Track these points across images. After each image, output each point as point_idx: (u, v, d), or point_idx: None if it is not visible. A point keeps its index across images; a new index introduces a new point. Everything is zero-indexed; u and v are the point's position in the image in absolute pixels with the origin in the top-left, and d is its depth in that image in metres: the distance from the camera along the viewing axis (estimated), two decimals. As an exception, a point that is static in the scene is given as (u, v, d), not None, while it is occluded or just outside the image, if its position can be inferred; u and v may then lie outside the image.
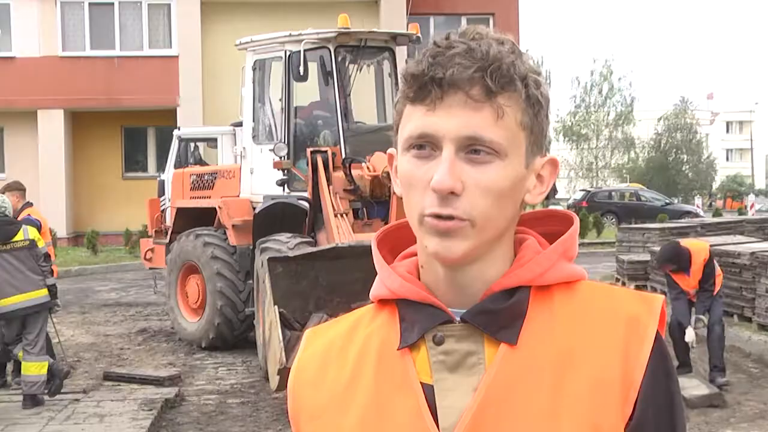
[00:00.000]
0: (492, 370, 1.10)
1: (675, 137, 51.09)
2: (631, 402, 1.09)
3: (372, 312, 1.23)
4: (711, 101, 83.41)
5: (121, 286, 17.47)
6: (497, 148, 1.09)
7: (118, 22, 24.16)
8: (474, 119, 1.08)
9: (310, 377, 1.22)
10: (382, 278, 1.20)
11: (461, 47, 1.09)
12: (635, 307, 1.14)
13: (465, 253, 1.10)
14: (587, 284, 1.18)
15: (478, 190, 1.08)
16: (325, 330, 1.27)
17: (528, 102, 1.11)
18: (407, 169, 1.12)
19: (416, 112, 1.11)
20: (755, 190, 59.06)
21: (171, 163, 16.23)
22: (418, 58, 1.12)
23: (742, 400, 8.03)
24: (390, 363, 1.15)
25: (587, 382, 1.09)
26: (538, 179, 1.16)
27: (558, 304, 1.14)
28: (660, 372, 1.12)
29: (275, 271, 8.02)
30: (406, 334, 1.15)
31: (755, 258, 10.28)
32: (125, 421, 7.34)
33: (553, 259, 1.15)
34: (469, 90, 1.08)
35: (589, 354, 1.10)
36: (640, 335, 1.12)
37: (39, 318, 7.92)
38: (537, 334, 1.12)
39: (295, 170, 10.24)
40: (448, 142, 1.08)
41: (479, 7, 25.73)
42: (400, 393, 1.13)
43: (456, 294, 1.14)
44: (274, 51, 10.58)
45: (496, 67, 1.08)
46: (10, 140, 24.59)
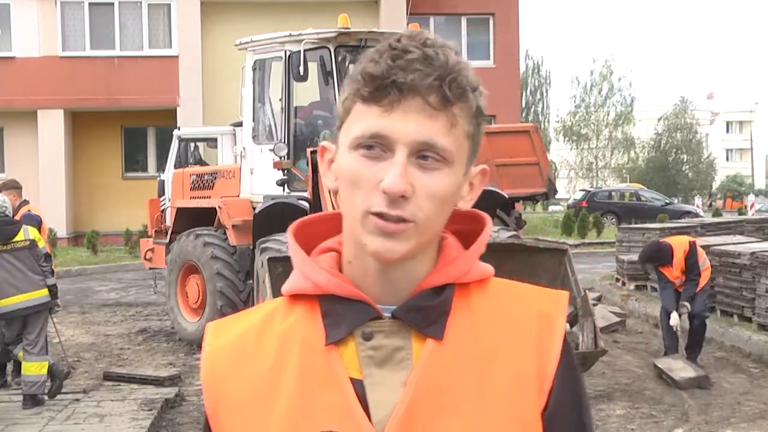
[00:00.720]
0: (420, 364, 1.13)
1: (675, 137, 51.10)
2: (545, 393, 1.15)
3: (285, 306, 1.22)
4: (711, 101, 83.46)
5: (121, 286, 17.47)
6: (447, 155, 1.11)
7: (118, 22, 24.17)
8: (430, 126, 1.10)
9: (225, 371, 1.22)
10: (305, 273, 1.20)
11: (418, 53, 1.11)
12: (544, 304, 1.21)
13: (405, 254, 1.12)
14: (497, 281, 1.23)
15: (425, 195, 1.10)
16: (231, 324, 1.27)
17: (475, 113, 1.15)
18: (353, 167, 1.12)
19: (370, 112, 1.11)
20: (755, 190, 59.08)
21: (171, 163, 16.24)
22: (374, 58, 1.12)
23: (742, 400, 8.03)
24: (315, 358, 1.16)
25: (509, 376, 1.14)
26: (470, 187, 1.21)
27: (476, 301, 1.19)
28: (568, 364, 1.18)
29: (275, 271, 8.02)
30: (332, 330, 1.16)
31: (755, 258, 10.28)
32: (125, 421, 7.34)
33: (475, 258, 1.20)
34: (428, 97, 1.10)
35: (508, 349, 1.16)
36: (551, 330, 1.18)
37: (39, 318, 7.92)
38: (461, 330, 1.16)
39: (295, 170, 10.24)
40: (402, 146, 1.10)
41: (479, 7, 25.73)
42: (328, 388, 1.14)
43: (383, 290, 1.16)
44: (274, 51, 10.59)
45: (453, 78, 1.11)
46: (10, 140, 24.60)
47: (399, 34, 1.15)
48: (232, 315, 1.31)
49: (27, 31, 23.83)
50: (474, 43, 25.82)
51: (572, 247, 11.68)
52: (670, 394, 8.29)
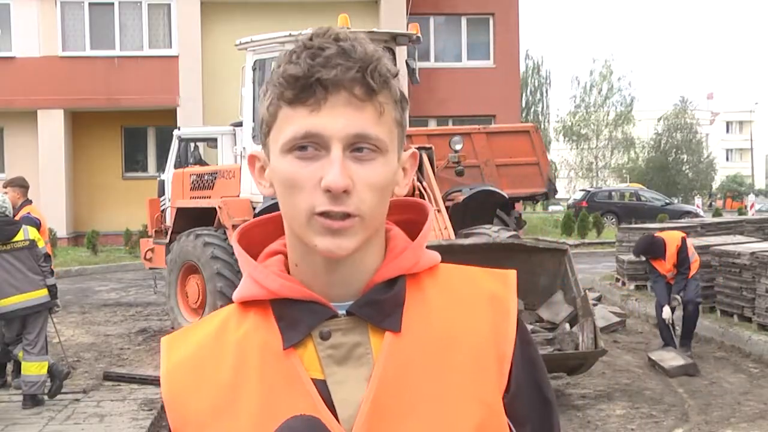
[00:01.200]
0: (381, 358, 1.13)
1: (675, 137, 51.09)
2: (505, 374, 1.17)
3: (237, 314, 1.21)
4: (711, 101, 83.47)
5: (121, 286, 17.46)
6: (380, 145, 1.12)
7: (118, 22, 24.17)
8: (359, 118, 1.10)
9: (186, 385, 1.19)
10: (256, 278, 1.19)
11: (334, 48, 1.11)
12: (492, 285, 1.22)
13: (355, 248, 1.12)
14: (445, 268, 1.24)
15: (365, 187, 1.11)
16: (185, 336, 1.25)
17: (399, 100, 1.16)
18: (289, 170, 1.12)
19: (297, 114, 1.11)
20: (755, 190, 59.06)
21: (171, 163, 16.22)
22: (292, 59, 1.12)
23: (742, 400, 8.03)
24: (275, 363, 1.15)
25: (469, 359, 1.15)
26: (404, 172, 1.21)
27: (428, 290, 1.19)
28: (524, 343, 1.21)
29: (275, 271, 8.03)
30: (288, 333, 1.15)
31: (755, 258, 10.27)
32: (125, 421, 7.34)
33: (422, 247, 1.21)
34: (352, 89, 1.10)
35: (465, 334, 1.16)
36: (504, 311, 1.20)
37: (39, 318, 7.92)
38: (416, 320, 1.16)
39: (295, 170, 10.23)
40: (336, 142, 1.10)
41: (479, 7, 25.73)
42: (292, 391, 1.13)
43: (334, 288, 1.16)
44: (274, 51, 10.58)
45: (374, 67, 1.12)
46: (10, 140, 24.59)
47: (309, 33, 1.15)
48: (183, 327, 1.30)
49: (27, 31, 23.83)
50: (474, 43, 25.83)
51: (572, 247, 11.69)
52: (670, 394, 8.29)
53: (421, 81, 11.21)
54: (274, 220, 1.25)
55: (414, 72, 10.86)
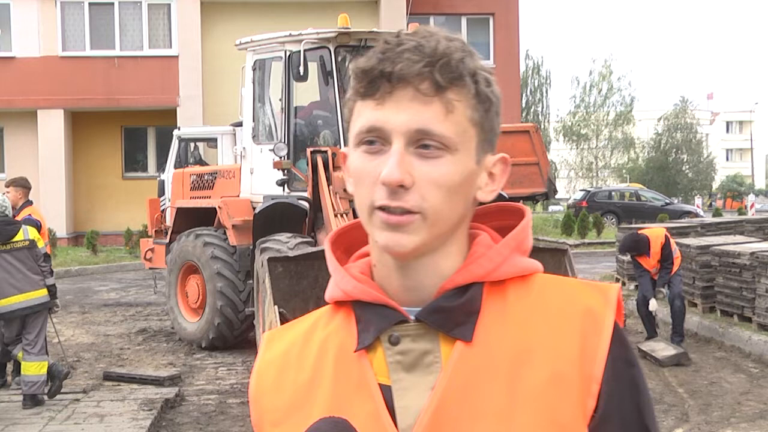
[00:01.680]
0: (448, 368, 1.10)
1: (675, 137, 51.08)
2: (593, 395, 1.09)
3: (328, 314, 1.22)
4: (711, 101, 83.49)
5: (121, 286, 17.46)
6: (447, 142, 1.09)
7: (118, 22, 24.17)
8: (423, 113, 1.08)
9: (270, 382, 1.21)
10: (335, 280, 1.19)
11: (411, 43, 1.09)
12: (590, 299, 1.14)
13: (416, 246, 1.09)
14: (542, 277, 1.17)
15: (428, 184, 1.08)
16: (283, 333, 1.26)
17: (478, 98, 1.12)
18: (357, 164, 1.12)
19: (366, 107, 1.11)
20: (755, 190, 59.06)
21: (171, 163, 16.24)
22: (369, 55, 1.12)
23: (742, 400, 8.03)
24: (347, 365, 1.14)
25: (544, 378, 1.08)
26: (490, 177, 1.16)
27: (512, 299, 1.14)
28: (621, 362, 1.11)
29: (275, 271, 8.02)
30: (362, 336, 1.14)
31: (755, 258, 10.27)
32: (125, 421, 7.34)
33: (505, 253, 1.15)
34: (419, 84, 1.08)
35: (545, 349, 1.10)
36: (597, 327, 1.11)
37: (39, 318, 7.92)
38: (492, 331, 1.11)
39: (295, 170, 10.24)
40: (398, 136, 1.08)
41: (479, 7, 25.73)
42: (359, 395, 1.12)
43: (409, 291, 1.13)
44: (274, 51, 10.58)
45: (444, 63, 1.09)
46: (10, 140, 24.59)
47: (401, 30, 1.14)
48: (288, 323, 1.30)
49: (27, 31, 23.82)
50: (474, 43, 25.66)
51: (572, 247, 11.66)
52: (670, 394, 8.29)
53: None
54: None
55: (414, 72, 10.85)
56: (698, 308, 11.59)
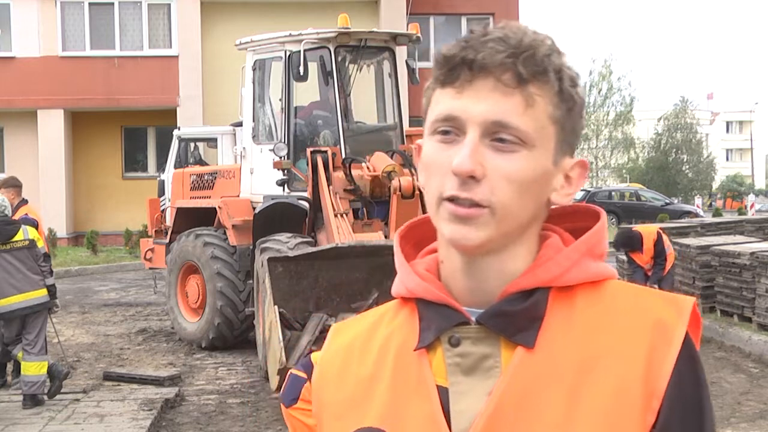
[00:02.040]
0: (508, 373, 1.07)
1: (675, 137, 51.03)
2: (653, 411, 1.04)
3: (394, 309, 1.19)
4: (711, 101, 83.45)
5: (121, 286, 17.46)
6: (524, 137, 1.05)
7: (118, 22, 24.16)
8: (503, 105, 1.05)
9: (333, 374, 1.19)
10: (400, 276, 1.16)
11: (496, 34, 1.07)
12: (663, 311, 1.08)
13: (482, 242, 1.06)
14: (614, 284, 1.12)
15: (499, 178, 1.04)
16: (349, 326, 1.24)
17: (561, 96, 1.08)
18: (429, 153, 1.09)
19: (445, 95, 1.08)
20: (755, 190, 59.05)
21: (171, 163, 16.24)
22: (453, 43, 1.09)
23: (742, 400, 8.03)
24: (407, 364, 1.12)
25: (606, 390, 1.04)
26: (566, 180, 1.12)
27: (580, 306, 1.09)
28: (687, 379, 1.06)
29: (275, 271, 8.03)
30: (424, 335, 1.12)
31: (755, 258, 10.27)
32: (125, 421, 7.33)
33: (575, 258, 1.10)
34: (500, 75, 1.05)
35: (610, 360, 1.05)
36: (667, 340, 1.06)
37: (38, 318, 7.92)
38: (555, 338, 1.07)
39: (295, 170, 10.23)
40: (474, 126, 1.05)
41: (479, 7, 25.72)
42: (416, 395, 1.10)
43: (472, 291, 1.10)
44: (274, 51, 10.58)
45: (529, 55, 1.05)
46: (10, 140, 24.59)
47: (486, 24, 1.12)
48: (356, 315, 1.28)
49: (27, 31, 23.82)
50: (474, 43, 25.82)
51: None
52: (670, 394, 8.29)
53: (421, 81, 11.21)
54: None
55: (414, 72, 10.86)
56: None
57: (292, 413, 3.04)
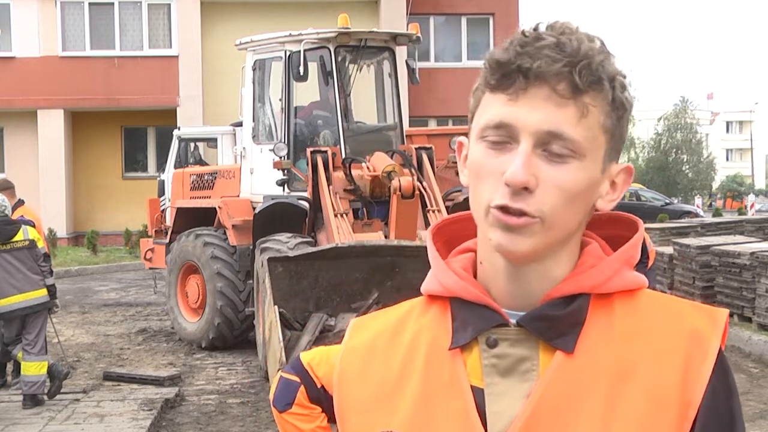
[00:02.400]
0: (546, 377, 1.07)
1: (675, 137, 51.01)
2: (689, 420, 1.05)
3: (422, 306, 1.19)
4: (711, 101, 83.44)
5: (121, 286, 17.46)
6: (577, 147, 1.05)
7: (118, 22, 24.16)
8: (557, 115, 1.04)
9: (356, 370, 1.19)
10: (436, 273, 1.16)
11: (550, 40, 1.05)
12: (698, 321, 1.10)
13: (531, 250, 1.06)
14: (648, 294, 1.13)
15: (551, 188, 1.04)
16: (371, 321, 1.24)
17: (613, 105, 1.08)
18: (479, 158, 1.08)
19: (496, 101, 1.07)
20: (755, 190, 59.04)
21: (171, 163, 16.24)
22: (505, 46, 1.07)
23: (742, 400, 8.01)
24: (440, 363, 1.12)
25: (643, 397, 1.05)
26: (612, 186, 1.13)
27: (618, 314, 1.10)
28: (720, 390, 1.08)
29: (275, 271, 8.02)
30: (458, 334, 1.12)
31: (755, 258, 10.28)
32: (125, 421, 7.33)
33: (616, 266, 1.12)
34: (556, 84, 1.04)
35: (647, 368, 1.07)
36: (703, 351, 1.07)
37: (38, 318, 7.92)
38: (594, 344, 1.08)
39: (295, 170, 10.24)
40: (527, 135, 1.04)
41: (479, 7, 25.72)
42: (449, 394, 1.10)
43: (513, 294, 1.10)
44: (274, 51, 10.58)
45: (585, 65, 1.04)
46: (10, 140, 24.59)
47: (537, 23, 1.09)
48: (375, 311, 1.27)
49: (27, 31, 23.82)
50: (474, 43, 25.81)
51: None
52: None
53: (421, 81, 11.22)
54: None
55: (414, 72, 10.86)
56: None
57: (286, 418, 2.99)
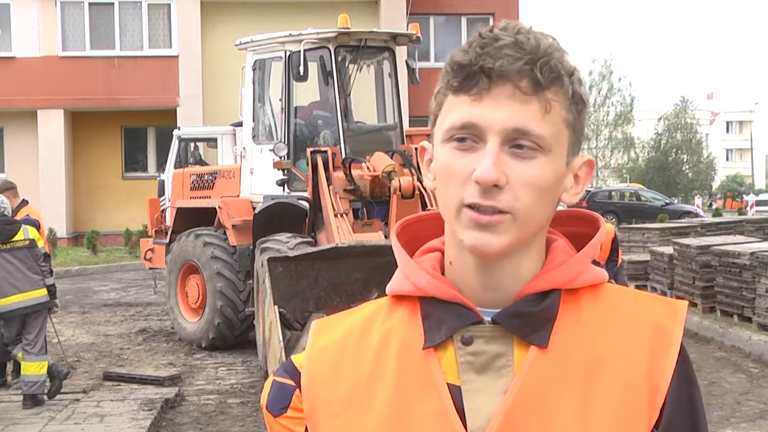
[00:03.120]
0: (522, 372, 1.08)
1: (675, 137, 51.05)
2: (656, 409, 1.08)
3: (388, 307, 1.19)
4: (711, 101, 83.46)
5: (121, 286, 17.46)
6: (542, 143, 1.07)
7: (118, 22, 24.17)
8: (522, 112, 1.06)
9: (325, 372, 1.18)
10: (406, 273, 1.16)
11: (508, 40, 1.07)
12: (660, 314, 1.13)
13: (504, 247, 1.07)
14: (611, 288, 1.16)
15: (521, 184, 1.06)
16: (336, 322, 1.23)
17: (573, 99, 1.10)
18: (446, 160, 1.09)
19: (460, 103, 1.08)
20: (755, 190, 59.04)
21: (171, 163, 16.24)
22: (465, 48, 1.09)
23: (742, 400, 8.03)
24: (413, 362, 1.12)
25: (616, 389, 1.08)
26: (575, 179, 1.15)
27: (586, 308, 1.13)
28: (683, 379, 1.11)
29: (275, 271, 8.02)
30: (431, 333, 1.12)
31: (755, 258, 10.27)
32: (125, 421, 7.33)
33: (585, 262, 1.14)
34: (518, 82, 1.06)
35: (617, 360, 1.09)
36: (667, 342, 1.11)
37: (38, 318, 7.92)
38: (567, 338, 1.10)
39: (295, 170, 10.24)
40: (494, 134, 1.06)
41: (479, 7, 25.73)
42: (425, 393, 1.10)
43: (486, 291, 1.12)
44: (274, 51, 10.58)
45: (545, 61, 1.07)
46: (10, 140, 24.59)
47: (492, 25, 1.11)
48: (338, 313, 1.27)
49: (27, 31, 23.83)
50: (474, 43, 25.82)
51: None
52: (670, 394, 8.29)
53: (421, 81, 11.22)
54: (438, 216, 1.20)
55: (414, 72, 10.86)
56: (698, 308, 11.59)
57: (281, 422, 2.99)
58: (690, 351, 8.43)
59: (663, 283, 12.97)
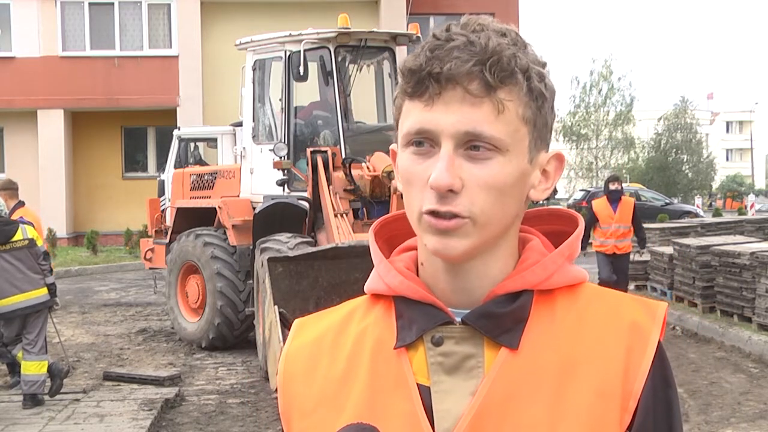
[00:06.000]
0: (491, 374, 1.07)
1: (675, 137, 51.04)
2: (630, 411, 1.07)
3: (366, 305, 1.19)
4: (711, 101, 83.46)
5: (121, 286, 17.46)
6: (497, 143, 1.05)
7: (118, 22, 24.17)
8: (473, 115, 1.04)
9: (301, 371, 1.18)
10: (380, 273, 1.16)
11: (461, 40, 1.06)
12: (637, 314, 1.12)
13: (466, 251, 1.07)
14: (589, 288, 1.15)
15: (478, 187, 1.05)
16: (315, 321, 1.23)
17: (530, 95, 1.08)
18: (406, 165, 1.08)
19: (414, 108, 1.07)
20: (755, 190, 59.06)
21: (171, 163, 16.25)
22: (417, 52, 1.08)
23: (742, 400, 8.03)
24: (385, 362, 1.12)
25: (588, 391, 1.06)
26: (543, 175, 1.13)
27: (560, 309, 1.11)
28: (659, 381, 1.10)
29: (275, 271, 8.02)
30: (403, 333, 1.12)
31: (755, 258, 10.27)
32: (125, 421, 7.34)
33: (559, 262, 1.12)
34: (468, 85, 1.04)
35: (591, 362, 1.08)
36: (643, 344, 1.09)
37: (39, 317, 7.92)
38: (538, 340, 1.09)
39: (295, 170, 10.24)
40: (447, 139, 1.05)
41: (479, 7, 25.71)
42: (396, 394, 1.10)
43: (456, 292, 1.11)
44: (274, 51, 10.59)
45: (495, 61, 1.05)
46: (10, 140, 24.60)
47: (451, 23, 1.10)
48: (319, 312, 1.26)
49: (27, 31, 23.83)
50: (474, 43, 25.85)
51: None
52: (670, 394, 8.28)
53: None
54: None
55: (414, 72, 10.86)
56: (698, 308, 11.59)
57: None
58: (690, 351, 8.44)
59: (663, 283, 12.97)
